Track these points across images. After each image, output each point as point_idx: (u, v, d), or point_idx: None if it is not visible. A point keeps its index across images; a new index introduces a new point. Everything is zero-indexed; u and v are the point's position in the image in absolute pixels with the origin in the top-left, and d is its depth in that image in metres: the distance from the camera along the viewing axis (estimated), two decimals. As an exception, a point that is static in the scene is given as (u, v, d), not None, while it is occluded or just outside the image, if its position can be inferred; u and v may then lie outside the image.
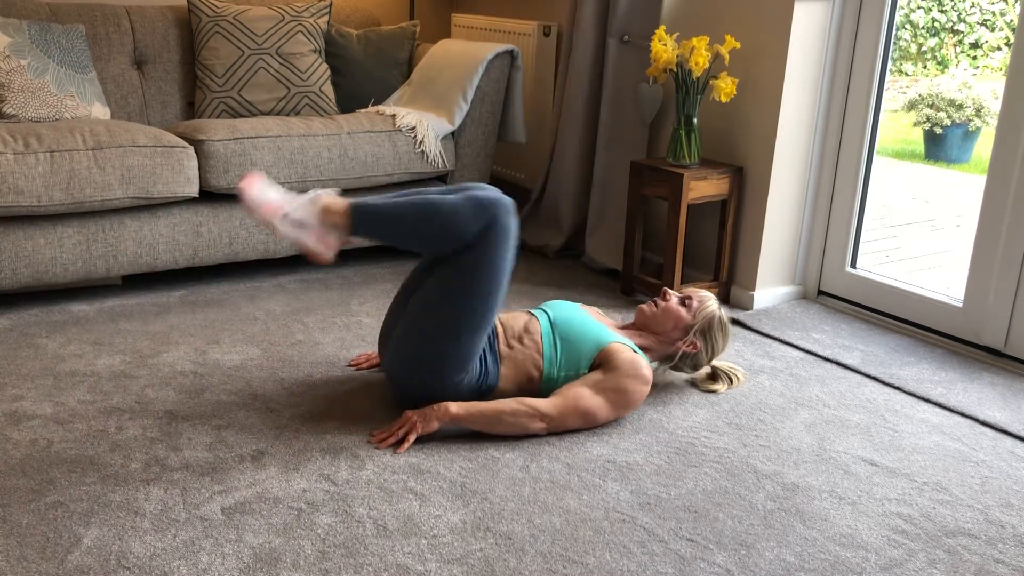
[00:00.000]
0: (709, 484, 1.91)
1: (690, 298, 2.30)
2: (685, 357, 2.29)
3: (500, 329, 2.19)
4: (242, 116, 3.25)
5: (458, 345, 2.03)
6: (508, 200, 2.05)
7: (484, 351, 2.13)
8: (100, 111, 3.02)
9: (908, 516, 1.82)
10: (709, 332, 2.28)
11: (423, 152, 3.17)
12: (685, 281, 3.12)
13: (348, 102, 3.48)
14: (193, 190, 2.80)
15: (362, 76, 3.48)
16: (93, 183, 2.63)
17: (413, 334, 2.05)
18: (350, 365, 2.41)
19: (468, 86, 3.23)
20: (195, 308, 2.79)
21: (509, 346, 2.16)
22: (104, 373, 2.32)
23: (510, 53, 3.30)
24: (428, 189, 2.08)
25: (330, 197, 2.03)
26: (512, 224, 2.04)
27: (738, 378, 2.39)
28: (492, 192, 2.05)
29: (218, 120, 2.99)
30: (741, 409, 2.27)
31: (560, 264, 3.41)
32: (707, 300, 2.29)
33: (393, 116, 3.19)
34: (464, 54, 3.31)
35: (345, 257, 3.39)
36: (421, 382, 2.07)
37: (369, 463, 1.93)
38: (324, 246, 2.03)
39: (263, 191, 2.02)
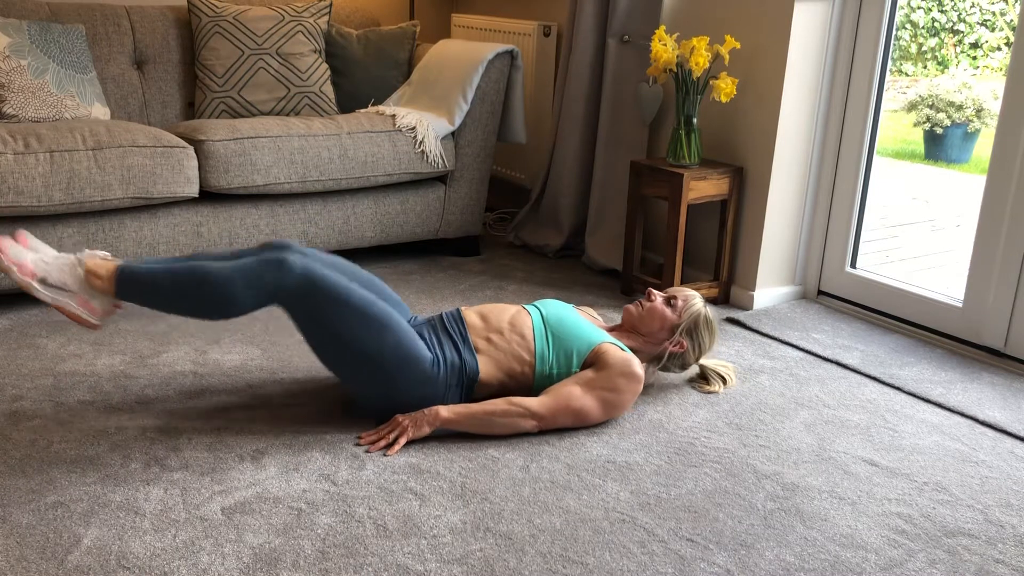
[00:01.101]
0: (709, 484, 1.91)
1: (675, 298, 2.29)
2: (673, 357, 2.29)
3: (477, 321, 2.17)
4: (242, 116, 3.25)
5: (375, 359, 1.98)
6: (276, 256, 1.94)
7: (456, 344, 2.10)
8: (100, 111, 3.02)
9: (908, 516, 1.82)
10: (695, 331, 2.27)
11: (423, 152, 3.17)
12: (685, 281, 3.12)
13: (348, 102, 3.48)
14: (193, 190, 2.80)
15: (362, 76, 3.48)
16: (93, 183, 2.63)
17: (341, 375, 2.04)
18: None
19: (468, 86, 3.23)
20: (195, 308, 2.79)
21: (488, 340, 2.13)
22: (104, 373, 2.32)
23: (510, 53, 3.30)
24: (207, 253, 2.04)
25: (96, 260, 1.96)
26: (294, 275, 1.93)
27: (730, 376, 2.39)
28: (263, 256, 1.96)
29: (218, 120, 2.99)
30: (741, 409, 2.27)
31: (560, 264, 3.41)
32: (692, 299, 2.29)
33: (393, 116, 3.19)
34: (464, 54, 3.31)
35: (345, 257, 3.39)
36: (390, 398, 2.05)
37: (369, 463, 1.93)
38: (88, 311, 1.96)
39: (20, 253, 1.92)
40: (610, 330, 2.33)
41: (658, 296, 2.30)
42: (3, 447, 1.94)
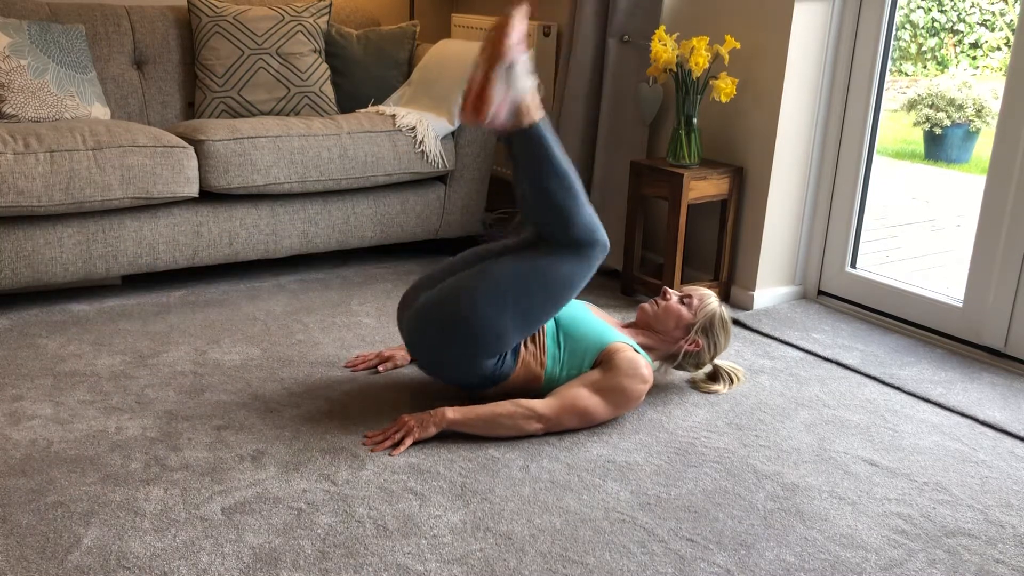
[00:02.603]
0: (709, 484, 1.91)
1: (690, 296, 2.30)
2: (688, 356, 2.29)
3: None
4: (242, 116, 3.25)
5: (499, 330, 2.02)
6: (608, 246, 2.12)
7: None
8: (100, 111, 3.02)
9: (908, 516, 1.82)
10: (711, 330, 2.27)
11: (423, 152, 3.17)
12: (685, 281, 3.12)
13: (348, 102, 3.48)
14: (193, 190, 2.80)
15: (362, 76, 3.48)
16: (93, 183, 2.63)
17: (462, 296, 2.02)
18: (346, 366, 2.40)
19: (468, 86, 3.22)
20: (195, 308, 2.79)
21: (524, 345, 2.16)
22: (104, 373, 2.32)
23: (510, 53, 3.30)
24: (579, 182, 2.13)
25: (537, 101, 2.04)
26: (597, 262, 2.09)
27: (739, 378, 2.39)
28: (605, 234, 2.11)
29: (218, 120, 2.99)
30: (741, 409, 2.27)
31: (560, 264, 3.41)
32: (707, 298, 2.29)
33: (393, 116, 3.19)
34: (464, 54, 3.31)
35: (345, 257, 3.39)
36: (446, 348, 2.04)
37: (369, 463, 1.93)
38: (496, 109, 1.99)
39: (521, 36, 1.99)
40: (624, 327, 2.32)
41: (673, 295, 2.30)
42: (3, 447, 1.94)
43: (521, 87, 2.00)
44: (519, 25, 1.97)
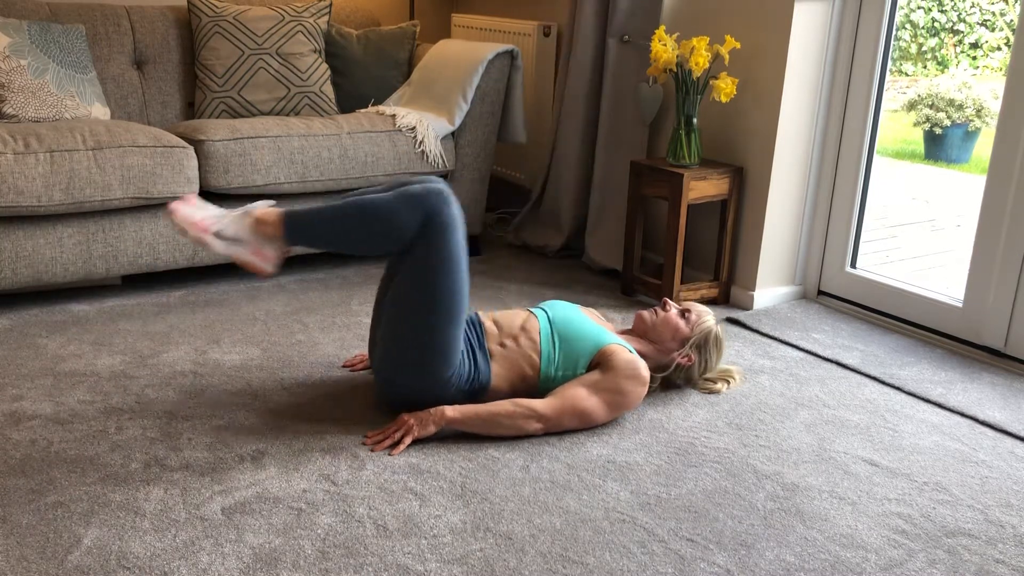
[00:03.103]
0: (709, 484, 1.91)
1: (689, 311, 2.31)
2: (679, 369, 2.30)
3: (493, 328, 2.19)
4: (242, 116, 3.25)
5: (434, 338, 2.01)
6: (442, 188, 2.01)
7: (472, 349, 2.12)
8: (100, 111, 3.02)
9: (908, 516, 1.82)
10: (704, 347, 2.29)
11: (423, 152, 3.17)
12: (685, 281, 3.12)
13: (348, 102, 3.48)
14: (193, 190, 2.80)
15: (362, 76, 3.48)
16: (93, 183, 2.63)
17: (392, 335, 2.04)
18: (344, 366, 2.40)
19: (468, 86, 3.23)
20: (195, 308, 2.79)
21: (502, 344, 2.15)
22: (104, 373, 2.32)
23: (510, 53, 3.30)
24: (365, 190, 2.07)
25: (263, 209, 2.02)
26: (451, 210, 1.99)
27: (734, 378, 2.39)
28: (429, 184, 2.02)
29: (218, 120, 2.99)
30: (741, 409, 2.27)
31: (560, 264, 3.41)
32: (705, 315, 2.31)
33: (393, 116, 3.19)
34: (464, 54, 3.31)
35: (345, 257, 3.39)
36: (409, 382, 2.06)
37: (369, 463, 1.93)
38: (261, 259, 2.02)
39: (191, 211, 2.00)
40: (620, 334, 2.33)
41: (673, 307, 2.31)
42: (3, 447, 1.94)
43: (241, 231, 2.00)
44: (179, 215, 1.98)
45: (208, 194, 2.89)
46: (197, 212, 2.02)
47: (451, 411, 2.02)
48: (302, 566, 1.59)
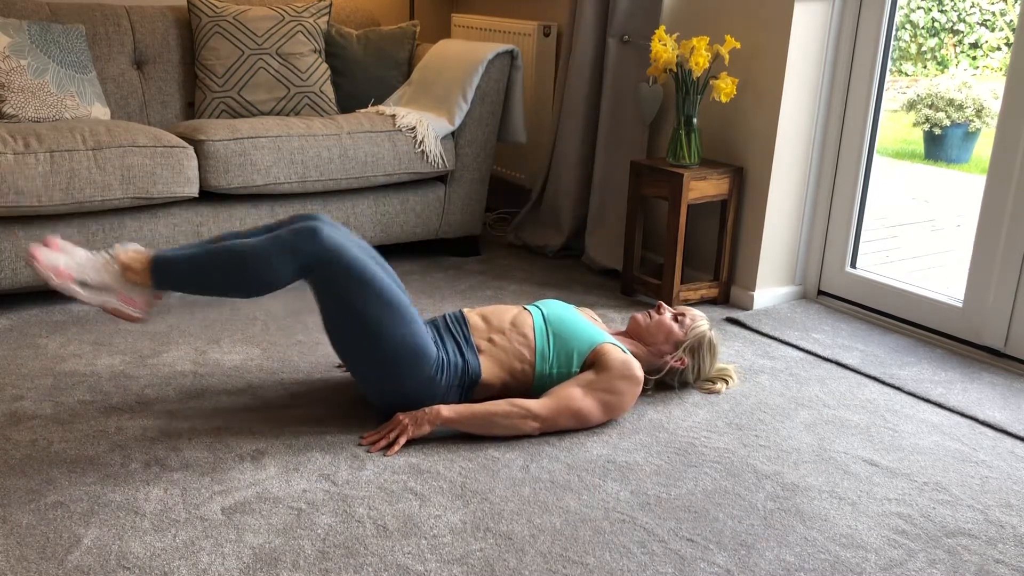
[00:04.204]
0: (709, 484, 1.91)
1: (683, 315, 2.31)
2: (672, 372, 2.30)
3: (480, 323, 2.18)
4: (242, 116, 3.25)
5: (392, 346, 1.98)
6: (309, 226, 1.95)
7: (458, 344, 2.11)
8: (100, 111, 3.02)
9: (908, 516, 1.82)
10: (698, 350, 2.30)
11: (423, 152, 3.17)
12: (685, 281, 3.12)
13: (348, 102, 3.48)
14: (193, 190, 2.80)
15: (362, 76, 3.48)
16: (93, 183, 2.63)
17: (353, 360, 2.03)
18: (339, 366, 2.40)
19: (468, 86, 3.23)
20: (195, 308, 2.79)
21: (490, 340, 2.14)
22: (104, 373, 2.32)
23: (510, 53, 3.30)
24: (237, 232, 2.04)
25: (129, 254, 1.97)
26: (324, 244, 1.93)
27: (732, 378, 2.40)
28: (297, 227, 1.96)
29: (218, 120, 2.99)
30: (741, 409, 2.27)
31: (560, 264, 3.41)
32: (700, 319, 2.31)
33: (393, 116, 3.19)
34: (464, 54, 3.31)
35: (345, 257, 3.38)
36: (395, 390, 2.04)
37: (369, 463, 1.93)
38: (131, 306, 1.98)
39: (55, 258, 1.93)
40: (614, 335, 2.33)
41: (667, 310, 2.32)
42: (3, 447, 1.94)
43: (107, 278, 1.95)
44: (41, 262, 1.92)
45: (208, 194, 2.89)
46: (60, 258, 1.94)
47: (446, 411, 2.02)
48: (302, 566, 1.59)
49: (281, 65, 3.28)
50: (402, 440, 1.99)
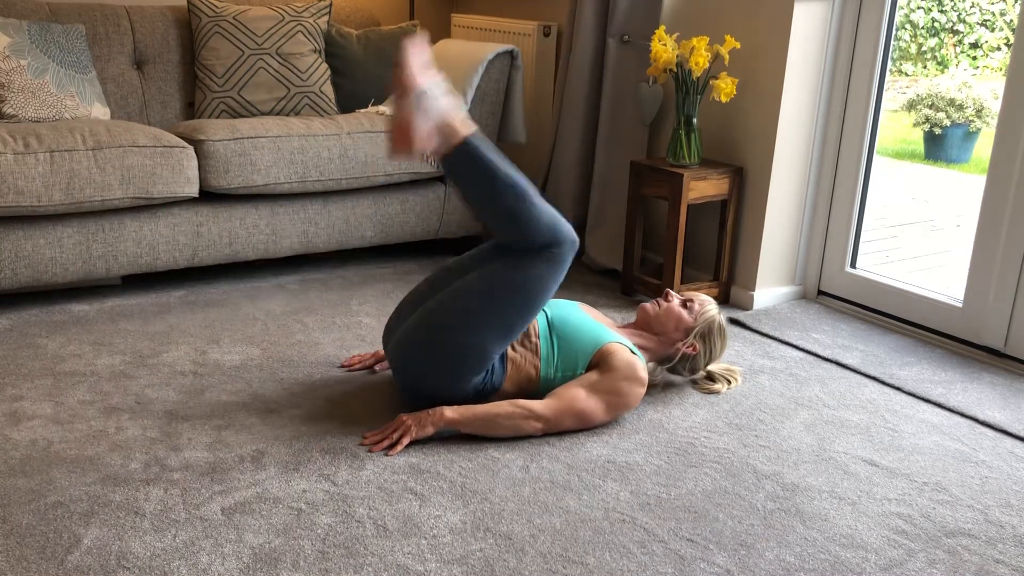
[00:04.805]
0: (709, 484, 1.91)
1: (691, 301, 2.31)
2: (684, 359, 2.29)
3: None
4: (242, 116, 3.25)
5: (479, 347, 2.02)
6: (577, 241, 2.07)
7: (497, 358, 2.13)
8: (100, 111, 3.02)
9: (908, 516, 1.82)
10: (709, 335, 2.29)
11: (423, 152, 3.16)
12: (685, 281, 3.12)
13: (348, 102, 3.48)
14: (193, 190, 2.80)
15: (362, 76, 3.48)
16: (93, 183, 2.63)
17: (437, 324, 2.03)
18: (342, 366, 2.40)
19: (468, 86, 3.23)
20: (195, 308, 2.79)
21: (513, 349, 2.16)
22: (104, 373, 2.32)
23: (510, 53, 3.30)
24: (528, 183, 2.09)
25: (461, 117, 2.02)
26: (568, 256, 2.05)
27: (736, 379, 2.39)
28: (569, 226, 2.07)
29: (218, 120, 2.99)
30: (741, 409, 2.27)
31: (560, 264, 3.41)
32: (708, 304, 2.31)
33: (393, 116, 3.19)
34: (464, 54, 3.31)
35: (345, 257, 3.39)
36: (430, 374, 2.05)
37: (369, 463, 1.93)
38: (423, 139, 1.99)
39: (422, 61, 1.98)
40: (621, 328, 2.33)
41: (675, 297, 2.31)
42: (3, 447, 1.94)
43: (439, 110, 1.98)
44: (416, 54, 1.97)
45: (208, 194, 2.89)
46: (423, 64, 1.99)
47: (450, 412, 2.02)
48: (302, 566, 1.59)
49: (281, 65, 3.28)
50: (405, 441, 1.99)
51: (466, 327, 2.01)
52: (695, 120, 2.86)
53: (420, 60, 1.98)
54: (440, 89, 2.01)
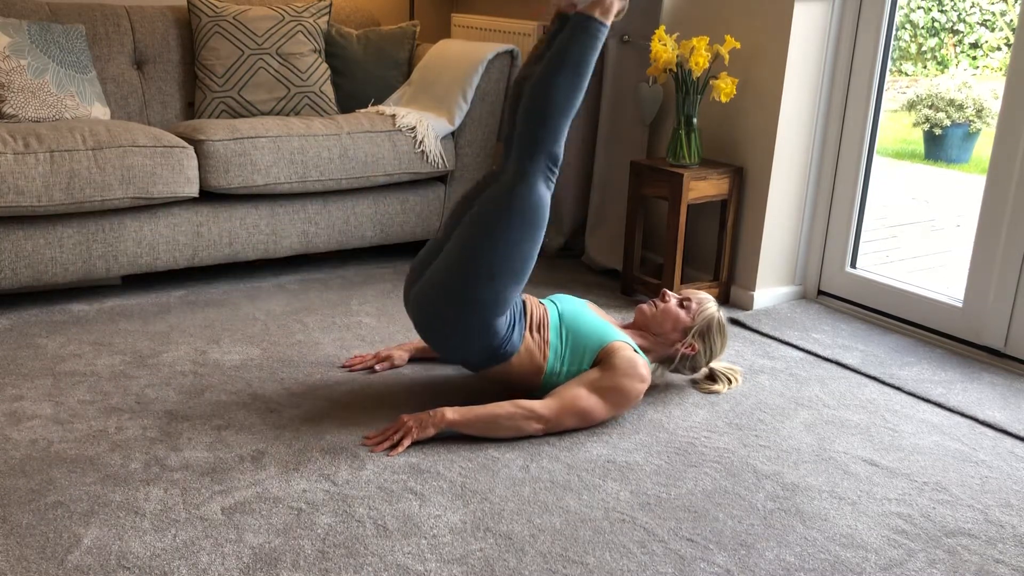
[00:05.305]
0: (709, 484, 1.91)
1: (689, 300, 2.30)
2: (684, 359, 2.29)
3: (531, 312, 2.20)
4: (242, 116, 3.25)
5: (493, 286, 2.01)
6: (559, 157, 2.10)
7: (516, 316, 2.12)
8: (100, 111, 3.02)
9: (908, 516, 1.82)
10: (708, 334, 2.28)
11: (423, 152, 3.17)
12: (685, 281, 3.12)
13: (348, 102, 3.48)
14: (193, 190, 2.80)
15: (362, 76, 3.48)
16: (93, 183, 2.63)
17: (448, 276, 2.04)
18: (343, 367, 2.40)
19: (468, 86, 3.23)
20: (195, 308, 2.79)
21: (530, 331, 2.15)
22: (104, 373, 2.32)
23: (510, 53, 3.30)
24: None
25: (614, 8, 2.08)
26: (553, 176, 2.09)
27: (736, 379, 2.39)
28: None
29: (218, 120, 2.99)
30: (741, 409, 2.27)
31: (560, 264, 3.41)
32: (706, 302, 2.30)
33: (393, 116, 3.19)
34: (464, 54, 3.31)
35: (345, 257, 3.39)
36: (455, 327, 2.05)
37: (369, 463, 1.93)
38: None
39: None
40: (622, 328, 2.33)
41: (672, 297, 2.31)
42: (3, 447, 1.94)
43: None
44: None
45: (208, 194, 2.89)
46: None
47: (451, 413, 2.02)
48: (302, 566, 1.59)
49: (281, 65, 3.28)
50: (406, 442, 1.99)
51: (475, 268, 2.01)
52: (695, 120, 2.86)
53: None
54: None
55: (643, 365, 2.12)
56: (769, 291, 3.01)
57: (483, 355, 2.10)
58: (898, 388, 2.42)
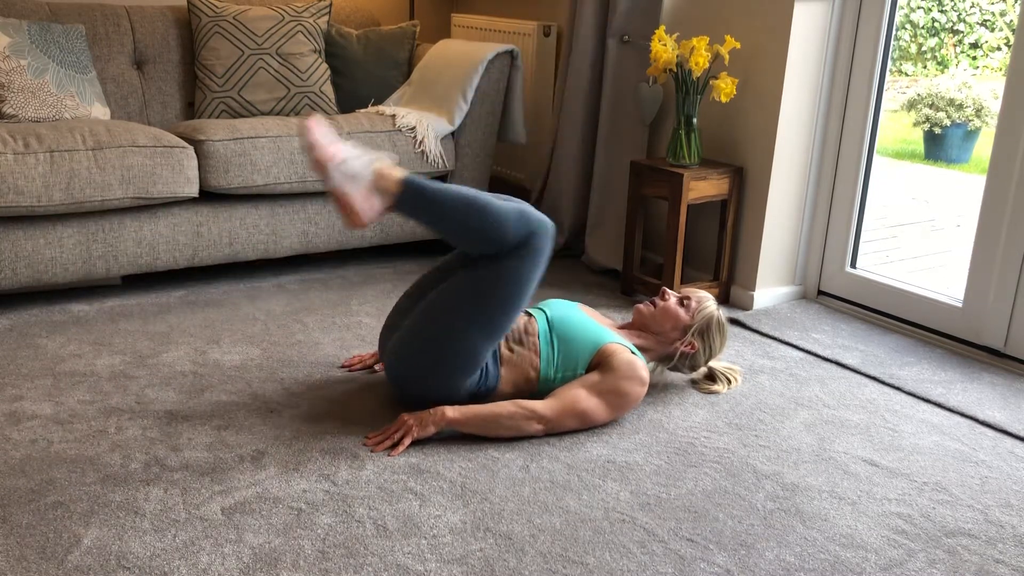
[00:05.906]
0: (709, 484, 1.91)
1: (688, 298, 2.30)
2: (683, 358, 2.29)
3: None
4: (242, 116, 3.25)
5: (467, 349, 2.02)
6: (552, 225, 2.06)
7: (492, 354, 2.13)
8: (100, 111, 3.02)
9: (908, 516, 1.82)
10: (707, 332, 2.28)
11: (423, 152, 3.17)
12: (685, 281, 3.12)
13: (348, 102, 3.48)
14: (193, 190, 2.80)
15: (362, 76, 3.48)
16: (93, 183, 2.63)
17: (425, 330, 2.04)
18: (343, 367, 2.40)
19: (468, 86, 3.23)
20: (195, 308, 2.79)
21: (510, 349, 2.15)
22: (104, 373, 2.32)
23: (510, 53, 3.30)
24: (481, 193, 2.08)
25: (388, 165, 2.01)
26: (548, 248, 2.04)
27: (736, 379, 2.39)
28: (539, 213, 2.05)
29: (218, 120, 2.99)
30: (741, 409, 2.27)
31: (560, 264, 3.41)
32: (705, 300, 2.30)
33: (393, 116, 3.19)
34: (464, 54, 3.31)
35: (345, 257, 3.39)
36: (423, 380, 2.06)
37: (369, 463, 1.93)
38: (367, 206, 1.98)
39: (327, 134, 1.99)
40: (619, 328, 2.32)
41: (671, 296, 2.30)
42: (3, 447, 1.94)
43: (364, 169, 1.97)
44: (317, 130, 1.96)
45: (208, 194, 2.89)
46: (329, 136, 1.99)
47: (451, 412, 2.02)
48: (302, 566, 1.59)
49: (281, 65, 3.28)
50: (407, 441, 1.99)
51: (452, 329, 2.01)
52: (695, 120, 2.86)
53: (324, 134, 1.97)
54: (355, 150, 2.01)
55: (643, 367, 2.12)
56: (769, 291, 3.01)
57: (465, 399, 2.12)
58: (898, 388, 2.42)
